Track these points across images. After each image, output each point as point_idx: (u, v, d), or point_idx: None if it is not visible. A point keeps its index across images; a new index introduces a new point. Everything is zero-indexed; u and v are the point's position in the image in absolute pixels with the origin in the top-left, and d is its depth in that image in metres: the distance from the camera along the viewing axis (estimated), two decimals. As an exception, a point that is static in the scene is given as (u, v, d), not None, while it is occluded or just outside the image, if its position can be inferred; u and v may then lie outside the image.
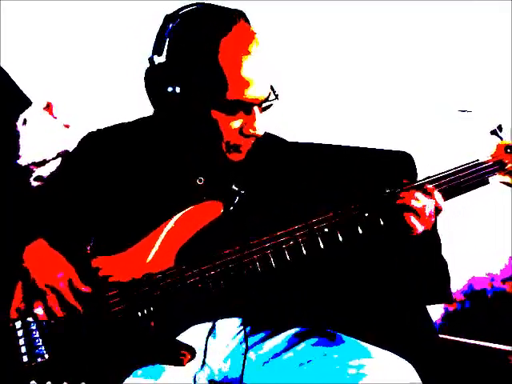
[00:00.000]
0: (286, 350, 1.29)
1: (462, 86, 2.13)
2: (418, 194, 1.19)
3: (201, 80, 1.18)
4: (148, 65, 1.23)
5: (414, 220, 1.18)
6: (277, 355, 1.28)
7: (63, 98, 2.05)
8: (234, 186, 1.31)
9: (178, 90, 1.19)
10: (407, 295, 1.70)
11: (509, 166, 1.18)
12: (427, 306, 1.76)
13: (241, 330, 1.33)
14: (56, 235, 1.30)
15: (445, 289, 1.83)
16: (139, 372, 1.20)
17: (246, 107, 1.20)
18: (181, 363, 1.17)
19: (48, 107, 2.00)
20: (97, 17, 2.20)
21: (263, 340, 1.32)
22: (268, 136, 1.28)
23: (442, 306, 2.22)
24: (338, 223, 1.18)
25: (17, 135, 1.93)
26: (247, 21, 1.23)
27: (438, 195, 1.20)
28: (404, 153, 1.83)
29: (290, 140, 1.53)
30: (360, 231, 1.16)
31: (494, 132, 1.18)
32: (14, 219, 1.34)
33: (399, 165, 1.83)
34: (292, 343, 1.30)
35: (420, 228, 1.19)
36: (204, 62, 1.17)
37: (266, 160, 1.38)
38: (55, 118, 1.99)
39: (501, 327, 2.10)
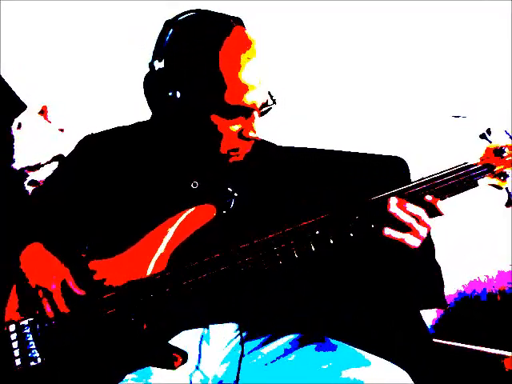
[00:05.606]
0: (283, 355, 1.28)
1: (452, 91, 2.15)
2: (408, 205, 1.16)
3: (200, 84, 1.19)
4: (148, 70, 1.25)
5: (405, 237, 1.17)
6: (274, 361, 1.28)
7: (58, 102, 2.06)
8: (229, 188, 1.32)
9: (178, 94, 1.21)
10: (401, 300, 1.70)
11: (497, 168, 1.19)
12: (421, 311, 1.76)
13: (237, 336, 1.32)
14: (52, 239, 1.30)
15: (439, 293, 1.83)
16: (131, 376, 1.20)
17: (245, 111, 1.21)
18: (172, 367, 1.17)
19: (43, 112, 2.00)
20: (94, 20, 2.21)
21: (260, 346, 1.32)
22: (262, 140, 1.29)
23: (436, 310, 2.22)
24: (329, 226, 1.18)
25: (11, 139, 1.94)
26: (244, 27, 1.24)
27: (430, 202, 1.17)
28: (397, 158, 1.84)
29: (284, 144, 1.54)
30: (351, 235, 1.17)
31: (482, 136, 1.20)
32: (9, 223, 1.34)
33: (393, 170, 1.84)
34: (290, 349, 1.29)
35: (415, 242, 1.17)
36: (203, 66, 1.19)
37: (261, 163, 1.39)
38: (50, 122, 2.00)
39: (495, 331, 2.10)
